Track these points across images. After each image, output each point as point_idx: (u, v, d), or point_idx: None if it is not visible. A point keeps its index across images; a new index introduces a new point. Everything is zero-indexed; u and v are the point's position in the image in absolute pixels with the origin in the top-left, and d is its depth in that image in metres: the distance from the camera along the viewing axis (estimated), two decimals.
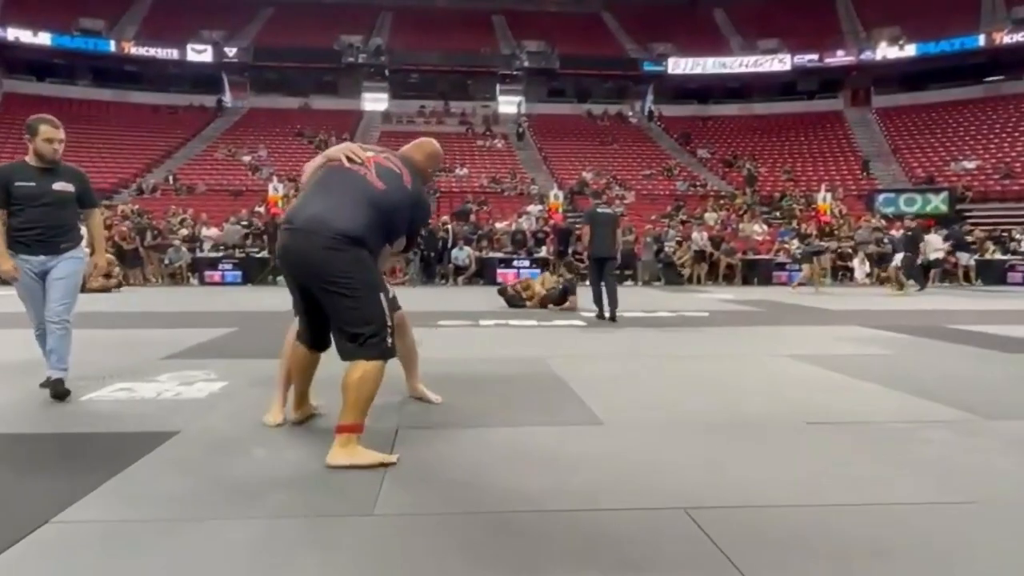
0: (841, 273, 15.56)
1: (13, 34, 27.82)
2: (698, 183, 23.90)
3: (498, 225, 16.80)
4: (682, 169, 25.33)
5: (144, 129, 26.67)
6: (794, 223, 18.49)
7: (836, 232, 16.16)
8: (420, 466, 2.43)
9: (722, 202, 21.06)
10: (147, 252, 14.60)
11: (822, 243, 14.34)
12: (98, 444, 2.63)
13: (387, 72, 32.03)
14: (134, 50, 29.82)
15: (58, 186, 3.48)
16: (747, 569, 1.64)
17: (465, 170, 24.05)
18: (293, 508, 2.03)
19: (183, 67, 30.69)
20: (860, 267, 15.08)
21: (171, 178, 22.47)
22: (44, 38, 28.37)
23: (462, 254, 14.46)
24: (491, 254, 15.14)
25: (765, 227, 18.21)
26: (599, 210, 7.34)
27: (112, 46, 29.73)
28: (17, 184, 3.38)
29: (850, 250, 15.61)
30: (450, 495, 2.15)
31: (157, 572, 1.64)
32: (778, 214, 20.55)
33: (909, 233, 13.86)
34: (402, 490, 2.18)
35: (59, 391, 3.35)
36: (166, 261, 14.64)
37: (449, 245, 14.73)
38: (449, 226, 15.29)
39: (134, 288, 12.66)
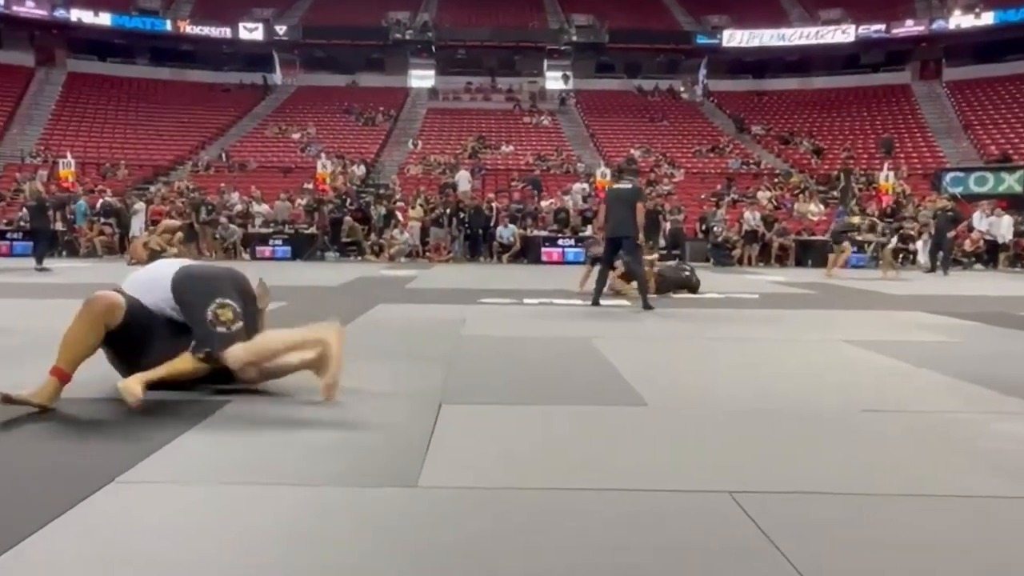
0: (903, 256, 14.91)
1: (76, 15, 28.77)
2: (751, 161, 23.19)
3: (543, 203, 16.70)
4: (735, 147, 24.58)
5: (199, 107, 27.36)
6: (853, 203, 17.79)
7: (901, 211, 15.42)
8: (463, 442, 2.45)
9: (776, 181, 20.41)
10: (201, 227, 15.05)
11: (852, 221, 13.64)
12: (157, 410, 2.73)
13: (434, 48, 31.96)
14: (188, 29, 30.50)
15: None
16: (793, 556, 1.59)
17: (511, 147, 23.91)
18: (338, 477, 2.07)
19: (235, 45, 31.26)
20: (924, 250, 14.40)
21: (224, 155, 23.03)
22: (104, 18, 29.26)
23: (507, 232, 14.45)
24: (535, 232, 15.07)
25: (822, 207, 17.57)
26: (614, 186, 7.06)
27: (168, 25, 30.48)
28: None
29: (913, 232, 14.92)
30: (492, 471, 2.16)
31: (210, 532, 1.70)
32: (836, 193, 19.80)
33: (949, 213, 13.13)
34: (445, 464, 2.19)
35: None
36: (217, 236, 15.07)
37: (493, 223, 14.72)
38: (494, 204, 15.27)
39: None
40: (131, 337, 2.81)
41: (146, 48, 31.28)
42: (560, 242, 14.60)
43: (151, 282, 2.98)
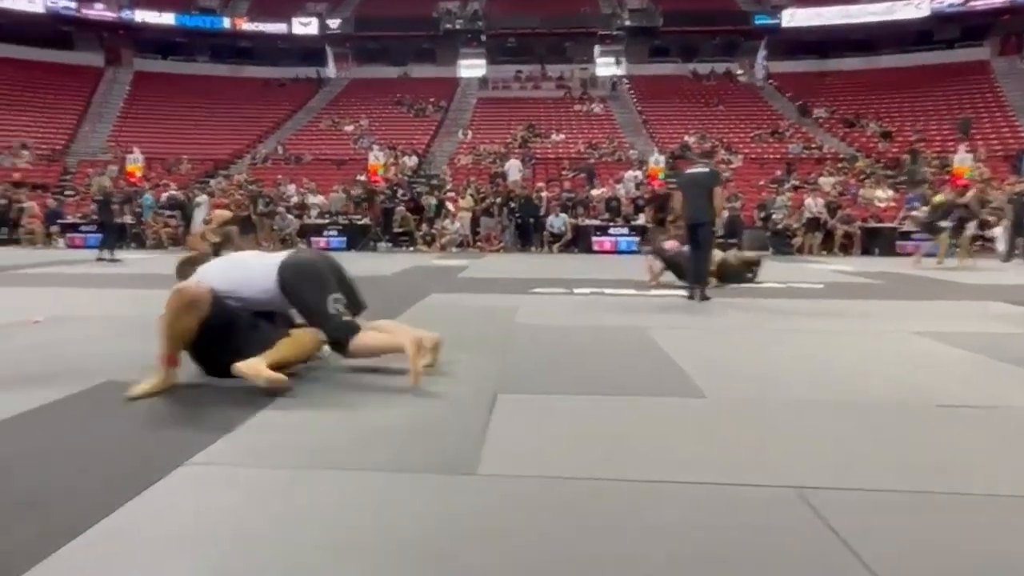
0: (980, 243, 14.04)
1: (141, 16, 29.97)
2: (813, 145, 22.30)
3: (594, 192, 16.51)
4: (796, 131, 23.69)
5: (256, 102, 28.10)
6: (925, 188, 16.88)
7: (981, 196, 14.38)
8: (520, 431, 2.45)
9: (840, 166, 19.57)
10: (259, 219, 15.48)
11: (936, 200, 12.71)
12: (222, 397, 2.84)
13: (484, 37, 31.93)
14: (245, 26, 31.34)
15: None
16: (867, 557, 1.53)
17: (561, 136, 23.71)
18: (399, 464, 2.10)
19: (290, 40, 31.96)
20: (1004, 237, 13.50)
21: (280, 148, 23.62)
22: (167, 18, 30.39)
23: (558, 221, 14.35)
24: (587, 221, 14.92)
25: (891, 192, 16.76)
26: (689, 171, 6.69)
27: (226, 23, 31.39)
28: None
29: (991, 218, 14.01)
30: (550, 461, 2.15)
31: (275, 514, 1.75)
32: (905, 178, 18.86)
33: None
34: (503, 453, 2.20)
35: None
36: (275, 227, 15.48)
37: (544, 212, 14.63)
38: (544, 193, 15.18)
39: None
40: (211, 330, 2.93)
41: (206, 46, 32.29)
42: (612, 231, 14.42)
43: (248, 273, 3.14)
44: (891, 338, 4.38)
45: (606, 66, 31.48)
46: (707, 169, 6.53)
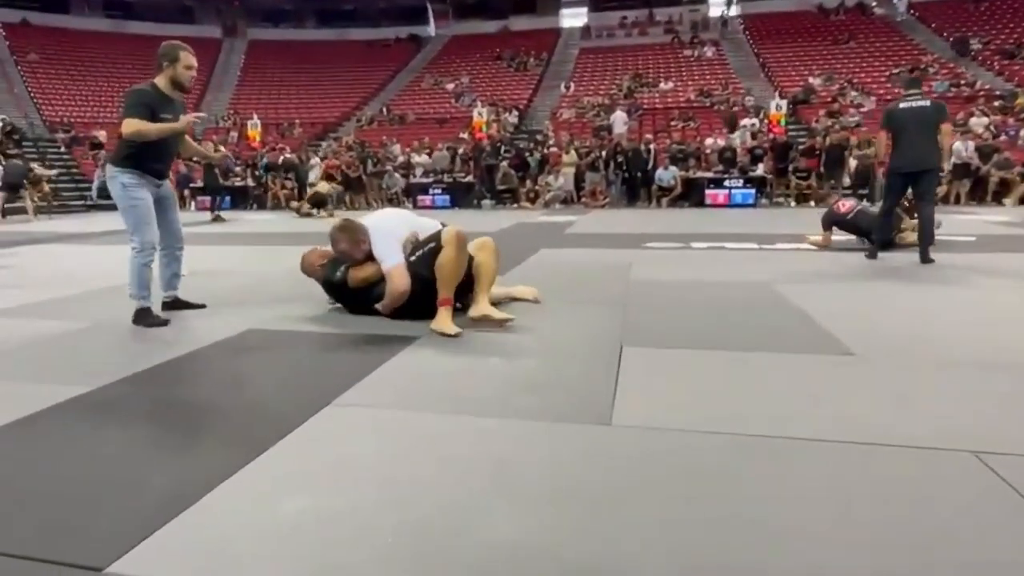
0: None
1: None
2: (963, 82, 19.83)
3: (707, 142, 15.68)
4: (942, 66, 21.15)
5: (360, 64, 28.72)
6: None
7: None
8: (651, 384, 2.38)
9: (998, 104, 17.32)
10: (368, 179, 15.96)
11: None
12: (363, 344, 2.98)
13: None
14: None
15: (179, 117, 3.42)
16: None
17: (670, 84, 22.62)
18: (535, 412, 2.09)
19: (390, 0, 32.25)
20: None
21: (384, 109, 24.11)
22: None
23: (667, 174, 13.78)
24: (699, 174, 14.23)
25: None
26: (902, 106, 5.39)
27: None
28: (161, 116, 3.31)
29: None
30: (684, 413, 2.07)
31: (424, 454, 1.79)
32: None
33: None
34: (636, 405, 2.15)
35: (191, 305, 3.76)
36: (383, 186, 15.93)
37: (651, 165, 14.08)
38: (652, 145, 14.59)
39: (359, 211, 13.99)
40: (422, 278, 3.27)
41: (312, 12, 33.25)
42: (726, 183, 13.65)
43: (423, 224, 3.51)
44: None
45: (718, 5, 29.48)
46: (928, 102, 5.38)
